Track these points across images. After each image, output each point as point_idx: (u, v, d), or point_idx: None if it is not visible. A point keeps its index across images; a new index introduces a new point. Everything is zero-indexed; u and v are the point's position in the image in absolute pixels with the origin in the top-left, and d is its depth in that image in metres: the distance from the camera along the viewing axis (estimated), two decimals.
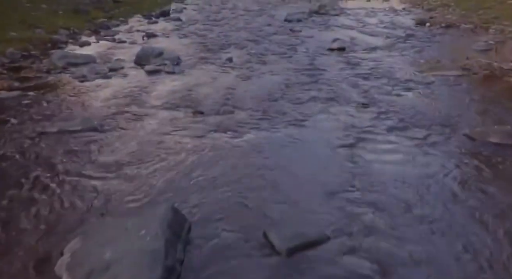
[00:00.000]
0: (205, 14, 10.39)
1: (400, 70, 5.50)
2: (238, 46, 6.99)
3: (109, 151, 3.28)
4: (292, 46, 6.91)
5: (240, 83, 5.01)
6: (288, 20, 9.39)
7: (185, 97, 4.54)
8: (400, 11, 10.19)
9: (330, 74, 5.37)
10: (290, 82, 5.03)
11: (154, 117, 4.00)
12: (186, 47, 6.93)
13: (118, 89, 4.74)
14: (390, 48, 6.68)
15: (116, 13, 9.66)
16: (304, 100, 4.49)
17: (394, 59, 6.07)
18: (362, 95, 4.60)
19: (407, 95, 4.59)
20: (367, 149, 3.36)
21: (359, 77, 5.24)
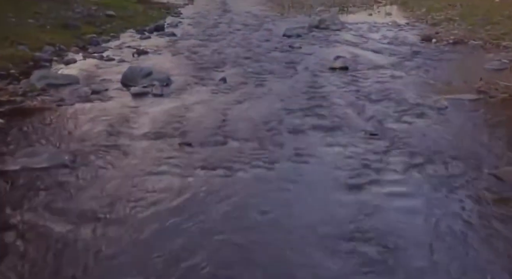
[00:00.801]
0: (201, 29, 9.99)
1: (408, 92, 5.04)
2: (233, 64, 6.55)
3: (75, 196, 2.80)
4: (291, 64, 6.47)
5: (234, 108, 4.55)
6: (287, 35, 8.98)
7: (172, 125, 4.08)
8: (403, 26, 9.80)
9: (332, 97, 4.91)
10: (289, 106, 4.57)
11: (134, 151, 3.53)
12: (178, 65, 6.49)
13: (97, 116, 4.27)
14: (396, 67, 6.24)
15: (108, 28, 9.25)
16: (304, 128, 4.02)
17: (401, 80, 5.62)
18: (369, 123, 4.14)
19: (419, 123, 4.12)
20: (377, 192, 2.89)
21: (365, 100, 4.78)
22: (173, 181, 3.05)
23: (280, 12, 12.90)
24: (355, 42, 8.13)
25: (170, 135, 3.85)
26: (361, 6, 13.50)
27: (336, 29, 9.49)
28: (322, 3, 14.30)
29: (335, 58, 6.81)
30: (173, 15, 12.37)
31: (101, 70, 6.11)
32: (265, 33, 9.39)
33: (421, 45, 7.72)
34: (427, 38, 8.05)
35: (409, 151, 3.52)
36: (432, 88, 5.24)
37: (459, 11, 11.16)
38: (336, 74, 5.87)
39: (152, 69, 5.72)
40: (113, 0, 14.98)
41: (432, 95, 4.90)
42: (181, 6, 14.57)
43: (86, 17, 9.83)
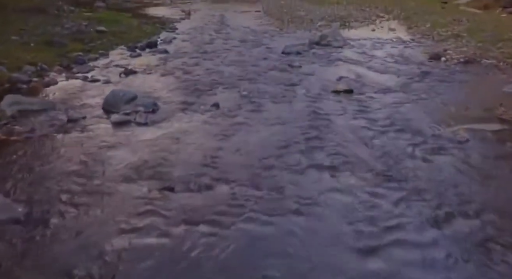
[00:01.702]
0: (195, 45, 9.50)
1: (422, 121, 4.51)
2: (228, 86, 6.03)
3: (26, 260, 2.24)
4: (290, 87, 5.95)
5: (226, 140, 4.01)
6: (286, 53, 8.48)
7: (154, 163, 3.53)
8: (409, 42, 9.31)
9: (337, 126, 4.38)
10: (288, 139, 4.03)
11: (105, 198, 2.98)
12: (167, 87, 5.96)
13: (68, 151, 3.73)
14: (405, 90, 5.71)
15: (97, 45, 8.75)
16: (306, 166, 3.48)
17: (412, 105, 5.09)
18: (380, 160, 3.60)
19: (438, 161, 3.58)
20: (395, 258, 2.35)
21: (373, 131, 4.25)
22: (146, 243, 2.50)
23: (279, 27, 12.41)
24: (359, 60, 7.63)
25: (150, 176, 3.31)
26: (363, 21, 13.01)
27: (338, 46, 9.00)
28: (323, 17, 13.84)
29: (338, 79, 6.31)
30: (168, 30, 11.87)
31: (83, 93, 5.58)
32: (263, 50, 8.89)
33: (429, 64, 7.21)
34: (436, 57, 7.55)
35: (430, 199, 2.98)
36: (447, 115, 4.71)
37: (466, 26, 10.71)
38: (340, 98, 5.34)
39: (137, 93, 5.19)
40: (107, 15, 14.64)
41: (448, 124, 4.37)
42: (177, 20, 14.09)
43: (75, 33, 9.34)
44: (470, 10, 15.38)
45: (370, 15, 14.25)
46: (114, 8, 18.15)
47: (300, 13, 15.05)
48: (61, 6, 15.82)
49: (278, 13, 15.45)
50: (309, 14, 14.81)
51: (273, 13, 15.83)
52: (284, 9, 16.61)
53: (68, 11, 15.14)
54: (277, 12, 15.79)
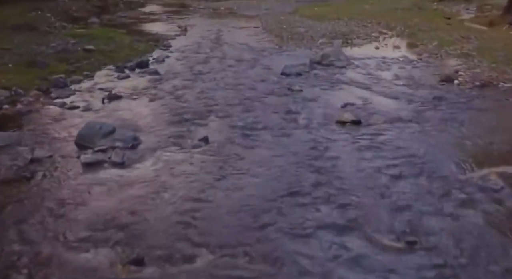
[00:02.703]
0: (189, 65, 8.92)
1: (443, 162, 3.88)
2: (220, 114, 5.41)
3: None
4: (290, 115, 5.33)
5: (212, 189, 3.38)
6: (286, 74, 7.90)
7: (124, 222, 2.90)
8: (416, 62, 8.73)
9: (344, 169, 3.75)
10: (287, 187, 3.40)
11: (57, 271, 2.34)
12: (153, 116, 5.34)
13: (21, 205, 3.10)
14: (419, 120, 5.09)
15: (83, 65, 8.17)
16: (309, 226, 2.85)
17: (429, 140, 4.46)
18: (399, 217, 2.96)
19: (471, 218, 2.95)
20: None
21: (387, 175, 3.61)
22: None
23: (278, 44, 11.86)
24: (364, 83, 7.03)
25: (116, 242, 2.67)
26: (365, 38, 12.48)
27: (341, 66, 8.42)
28: (324, 34, 13.32)
29: (343, 106, 5.70)
30: (162, 47, 11.32)
31: (57, 124, 4.96)
32: (260, 71, 8.30)
33: (442, 88, 6.60)
34: (448, 79, 6.95)
35: (470, 275, 2.33)
36: (471, 153, 4.09)
37: (475, 45, 10.15)
38: (346, 131, 4.72)
39: (116, 125, 4.58)
40: (100, 31, 14.10)
41: (475, 166, 3.74)
42: (173, 37, 13.55)
43: (60, 52, 8.77)
44: (475, 27, 14.87)
45: (372, 32, 13.72)
46: (109, 24, 17.67)
47: (300, 30, 14.53)
48: (53, 23, 15.36)
49: (277, 29, 14.93)
50: (310, 31, 14.29)
51: (272, 29, 15.31)
52: (284, 25, 16.11)
53: (60, 28, 14.63)
54: (276, 28, 15.29)
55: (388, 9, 22.29)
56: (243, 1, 34.10)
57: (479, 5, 22.72)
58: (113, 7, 25.89)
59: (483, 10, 21.56)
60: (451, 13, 20.67)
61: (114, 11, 24.28)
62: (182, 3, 32.16)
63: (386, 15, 18.83)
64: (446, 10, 22.57)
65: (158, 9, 27.47)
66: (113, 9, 24.94)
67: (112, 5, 26.66)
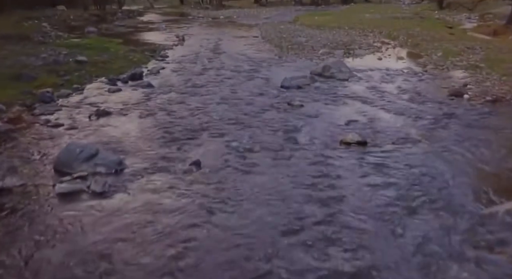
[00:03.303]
0: (185, 77, 8.55)
1: (461, 192, 3.47)
2: (215, 133, 5.01)
3: None
4: (290, 134, 4.94)
5: (202, 226, 2.96)
6: (286, 87, 7.53)
7: (100, 266, 2.49)
8: (421, 74, 8.35)
9: (351, 200, 3.34)
10: (287, 222, 2.99)
11: None
12: (142, 135, 4.94)
13: None
14: (430, 140, 4.69)
15: (73, 77, 7.79)
16: (313, 275, 2.43)
17: (443, 164, 4.04)
18: (419, 264, 2.54)
19: (499, 266, 2.53)
20: None
21: (401, 209, 3.20)
22: None
23: (278, 54, 11.51)
24: (368, 97, 6.64)
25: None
26: (368, 48, 12.12)
27: (343, 79, 8.05)
28: (324, 44, 12.98)
29: (347, 124, 5.31)
30: (158, 58, 10.97)
31: (36, 146, 4.56)
32: (259, 83, 7.93)
33: (451, 103, 6.21)
34: (457, 93, 6.56)
35: None
36: (493, 181, 3.68)
37: (481, 56, 9.79)
38: (351, 154, 4.31)
39: (100, 147, 4.18)
40: (95, 41, 13.78)
41: (499, 197, 3.33)
42: (170, 47, 13.22)
43: (50, 64, 8.41)
44: (479, 37, 14.56)
45: (374, 42, 13.39)
46: (106, 33, 17.39)
47: (300, 39, 14.21)
48: (48, 33, 15.05)
49: (277, 39, 14.62)
50: (310, 40, 13.97)
51: (272, 38, 15.00)
52: (283, 35, 15.80)
53: (55, 38, 14.33)
54: (276, 38, 14.98)
55: (389, 18, 22.06)
56: (242, 10, 34.09)
57: (481, 14, 22.48)
58: (111, 16, 25.75)
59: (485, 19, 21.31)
60: (453, 23, 20.43)
61: (112, 20, 24.11)
62: (182, 12, 32.09)
63: (387, 24, 18.55)
64: (447, 19, 22.34)
65: (157, 18, 27.29)
66: (111, 18, 24.78)
67: (110, 14, 26.52)
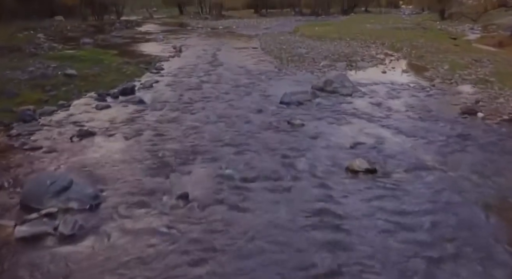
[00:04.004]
0: (179, 91, 8.10)
1: (490, 235, 2.99)
2: (207, 157, 4.54)
3: None
4: (290, 160, 4.46)
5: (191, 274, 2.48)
6: (286, 103, 7.07)
7: None
8: (429, 89, 7.90)
9: (364, 245, 2.85)
10: (288, 273, 2.50)
11: None
12: (126, 160, 4.46)
13: None
14: (447, 167, 4.20)
15: (59, 92, 7.34)
16: None
17: (465, 198, 3.55)
18: None
19: None
20: None
21: (422, 259, 2.71)
22: None
23: (278, 67, 11.08)
24: (375, 115, 6.18)
25: None
26: (370, 60, 11.70)
27: (347, 94, 7.60)
28: (326, 56, 12.56)
29: (353, 146, 4.83)
30: (153, 71, 10.54)
31: (3, 174, 4.06)
32: (257, 99, 7.48)
33: (464, 122, 5.75)
34: (470, 111, 6.10)
35: None
36: None
37: (490, 69, 9.37)
38: (359, 185, 3.83)
39: (73, 177, 3.70)
40: (90, 53, 13.38)
41: None
42: (166, 58, 12.82)
43: (36, 78, 7.97)
44: (485, 48, 14.16)
45: (377, 53, 12.99)
46: (102, 44, 17.01)
47: (301, 51, 13.81)
48: (41, 44, 14.67)
49: (277, 50, 14.22)
50: (311, 52, 13.56)
51: (271, 50, 14.61)
52: (283, 46, 15.41)
53: (48, 49, 13.94)
54: (276, 49, 14.59)
55: (391, 29, 21.71)
56: (242, 20, 33.86)
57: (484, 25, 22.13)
58: (109, 27, 25.46)
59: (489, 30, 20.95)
60: (456, 33, 20.08)
61: (110, 30, 23.79)
62: (181, 22, 31.83)
63: (389, 35, 18.18)
64: (450, 30, 22.00)
65: (155, 28, 26.99)
66: (109, 29, 24.48)
67: (108, 25, 26.24)
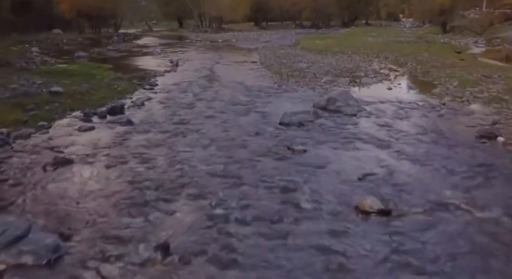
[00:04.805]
0: (171, 110, 7.55)
1: None
2: (195, 194, 3.95)
3: None
4: (290, 195, 3.88)
5: None
6: (286, 124, 6.52)
7: None
8: (439, 108, 7.34)
9: None
10: None
11: None
12: (101, 196, 3.87)
13: None
14: (473, 205, 3.62)
15: (41, 112, 6.80)
16: None
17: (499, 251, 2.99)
18: None
19: None
20: None
21: None
22: None
23: (278, 82, 10.54)
24: (383, 139, 5.62)
25: None
26: (375, 75, 11.17)
27: (352, 114, 7.05)
28: (327, 71, 12.05)
29: (361, 178, 4.26)
30: (146, 87, 10.00)
31: None
32: (255, 119, 6.92)
33: (484, 149, 5.18)
34: (488, 135, 5.54)
35: None
36: None
37: (502, 86, 8.84)
38: (371, 229, 3.24)
39: (32, 223, 3.12)
40: (82, 67, 12.89)
41: None
42: (161, 73, 12.31)
43: (18, 96, 7.45)
44: (492, 63, 13.68)
45: (381, 68, 12.48)
46: (97, 58, 16.54)
47: (301, 65, 13.31)
48: (34, 58, 14.19)
49: (276, 65, 13.73)
50: (312, 66, 13.06)
51: (271, 64, 14.12)
52: (283, 60, 14.93)
53: (40, 63, 13.45)
54: (275, 63, 14.10)
55: (393, 42, 21.30)
56: (242, 33, 33.56)
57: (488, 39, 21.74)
58: (106, 40, 25.04)
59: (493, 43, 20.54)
60: (460, 47, 19.64)
61: (107, 43, 23.38)
62: (180, 36, 31.50)
63: (392, 48, 17.74)
64: (453, 43, 21.58)
65: (154, 41, 26.61)
66: (106, 42, 24.06)
67: (105, 38, 25.83)
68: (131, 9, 35.70)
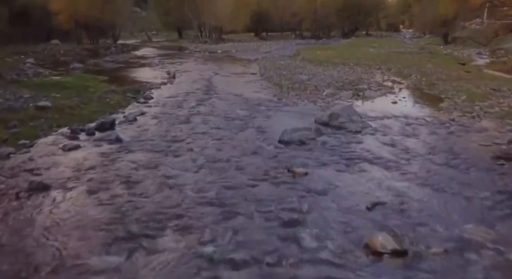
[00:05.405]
0: (165, 126, 7.13)
1: None
2: (183, 227, 3.49)
3: None
4: (291, 230, 3.42)
5: None
6: (285, 142, 6.08)
7: None
8: (449, 125, 6.91)
9: None
10: None
11: None
12: (77, 230, 3.42)
13: None
14: (500, 243, 3.17)
15: (25, 129, 6.36)
16: None
17: None
18: None
19: None
20: None
21: None
22: None
23: (277, 95, 10.13)
24: (392, 160, 5.17)
25: None
26: (378, 88, 10.76)
27: (356, 131, 6.61)
28: (329, 83, 11.65)
29: (370, 208, 3.80)
30: (140, 100, 9.58)
31: None
32: (253, 136, 6.48)
33: (503, 172, 4.72)
34: (506, 156, 5.10)
35: None
36: None
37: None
38: (385, 274, 2.80)
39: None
40: (76, 79, 12.49)
41: None
42: (157, 85, 11.90)
43: (3, 111, 7.01)
44: (498, 75, 13.30)
45: (384, 80, 12.09)
46: (92, 69, 16.14)
47: (302, 77, 12.92)
48: (26, 70, 13.80)
49: (276, 77, 13.33)
50: (312, 78, 12.67)
51: (271, 76, 13.72)
52: (283, 72, 14.54)
53: (33, 75, 13.06)
54: (275, 75, 13.71)
55: (395, 53, 20.96)
56: (242, 43, 33.29)
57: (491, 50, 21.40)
58: (104, 50, 24.72)
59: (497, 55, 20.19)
60: (464, 58, 19.28)
61: (104, 54, 23.05)
62: (179, 46, 31.21)
63: (394, 59, 17.38)
64: (456, 54, 21.24)
65: (152, 52, 26.28)
66: (104, 53, 23.73)
67: (103, 48, 25.52)
68: (131, 19, 35.44)
